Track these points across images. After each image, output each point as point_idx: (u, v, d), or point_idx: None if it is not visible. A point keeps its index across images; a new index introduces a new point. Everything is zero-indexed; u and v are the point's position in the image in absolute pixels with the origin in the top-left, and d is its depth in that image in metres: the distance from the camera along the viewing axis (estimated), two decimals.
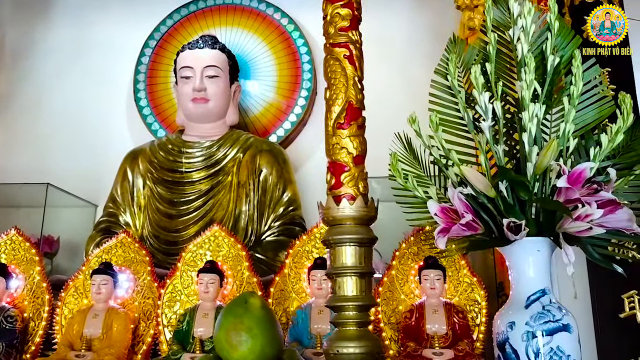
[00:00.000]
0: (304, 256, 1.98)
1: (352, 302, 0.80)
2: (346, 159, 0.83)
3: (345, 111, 0.84)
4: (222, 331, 1.20)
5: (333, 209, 0.82)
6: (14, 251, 2.05)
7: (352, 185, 0.83)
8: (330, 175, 0.85)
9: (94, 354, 1.78)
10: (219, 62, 3.02)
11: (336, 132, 0.84)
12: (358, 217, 0.82)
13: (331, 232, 0.83)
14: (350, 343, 0.78)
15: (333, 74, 0.86)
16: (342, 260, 0.82)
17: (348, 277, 0.82)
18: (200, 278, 1.89)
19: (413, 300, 1.91)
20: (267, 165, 2.95)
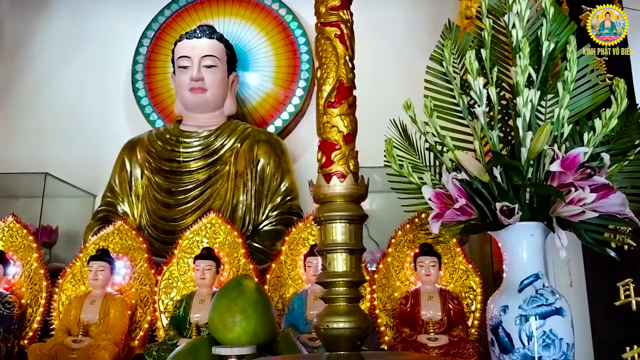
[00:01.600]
0: (300, 243, 1.99)
1: (342, 278, 0.81)
2: (337, 138, 0.84)
3: (336, 90, 0.84)
4: (216, 313, 1.21)
5: (323, 187, 0.83)
6: (11, 238, 2.06)
7: (342, 163, 0.83)
8: (321, 154, 0.85)
9: (91, 339, 1.79)
10: (217, 51, 3.02)
11: (327, 110, 0.84)
12: (348, 195, 0.83)
13: (321, 209, 0.83)
14: (340, 318, 0.78)
15: (324, 53, 0.86)
16: (332, 237, 0.83)
17: (338, 253, 0.82)
18: (196, 265, 1.90)
19: (408, 287, 1.92)
20: (265, 155, 2.96)
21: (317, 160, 0.89)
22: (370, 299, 1.89)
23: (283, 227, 2.80)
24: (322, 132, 0.87)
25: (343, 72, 0.87)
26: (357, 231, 0.85)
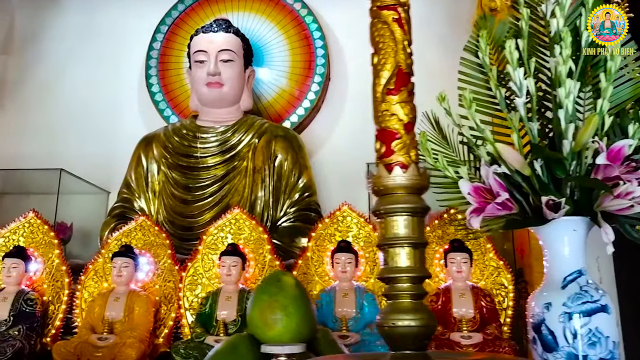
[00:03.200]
0: (327, 239, 1.95)
1: (405, 273, 0.77)
2: (397, 126, 0.80)
3: (395, 76, 0.80)
4: (256, 310, 1.18)
5: (384, 178, 0.79)
6: (32, 234, 2.03)
7: (403, 153, 0.79)
8: (379, 144, 0.81)
9: (116, 336, 1.76)
10: (234, 46, 2.98)
11: (385, 98, 0.81)
12: (410, 186, 0.79)
13: (382, 201, 0.80)
14: (406, 315, 0.75)
15: (381, 38, 0.82)
16: (394, 230, 0.79)
17: (401, 247, 0.78)
18: (222, 261, 1.87)
19: (438, 284, 1.89)
20: (282, 151, 2.92)
21: (376, 150, 0.85)
22: None
23: (301, 224, 2.77)
24: (380, 121, 0.83)
25: (402, 58, 0.84)
26: (420, 224, 0.81)
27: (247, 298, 1.83)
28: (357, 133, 3.38)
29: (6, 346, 1.74)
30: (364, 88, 3.51)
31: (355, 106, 3.43)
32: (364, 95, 3.51)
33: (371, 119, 2.87)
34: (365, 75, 3.16)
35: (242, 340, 1.17)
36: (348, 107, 3.46)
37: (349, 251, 1.84)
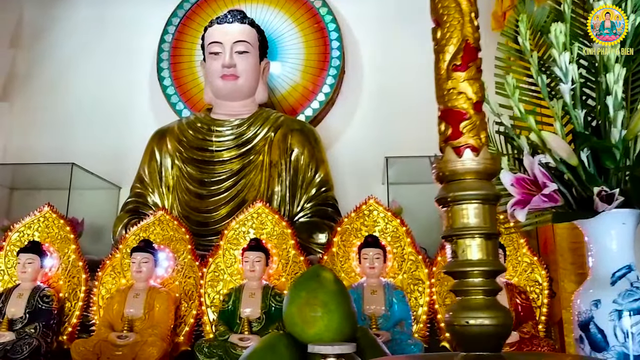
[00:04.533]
0: (353, 234, 1.88)
1: (477, 267, 0.70)
2: (465, 106, 0.73)
3: (462, 51, 0.73)
4: (293, 307, 1.11)
5: (453, 162, 0.72)
6: (47, 229, 1.96)
7: (473, 134, 0.72)
8: (445, 125, 0.75)
9: (137, 334, 1.69)
10: (249, 37, 2.91)
11: (451, 75, 0.74)
12: (482, 171, 0.72)
13: (449, 188, 0.73)
14: (480, 313, 0.68)
15: (445, 10, 0.75)
16: (463, 220, 0.72)
17: (472, 239, 0.71)
18: (245, 256, 1.80)
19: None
20: (299, 145, 2.85)
21: (440, 132, 0.78)
22: (429, 293, 1.79)
23: (319, 219, 2.70)
24: (446, 100, 0.76)
25: (469, 31, 0.76)
26: (491, 213, 0.74)
27: (272, 295, 1.77)
28: (373, 127, 3.31)
29: (22, 344, 1.67)
30: (379, 81, 3.45)
31: (370, 100, 3.37)
32: (379, 89, 3.45)
33: (388, 113, 2.80)
34: (381, 68, 3.10)
35: (280, 338, 1.10)
36: (363, 101, 3.39)
37: (376, 246, 1.77)
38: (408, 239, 1.84)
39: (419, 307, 1.78)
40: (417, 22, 3.42)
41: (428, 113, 3.45)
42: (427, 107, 3.47)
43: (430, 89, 2.76)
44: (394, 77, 3.37)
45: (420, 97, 3.32)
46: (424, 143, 3.05)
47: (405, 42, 3.40)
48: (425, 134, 3.16)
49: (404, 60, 3.38)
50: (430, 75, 2.80)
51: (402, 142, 3.15)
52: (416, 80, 3.36)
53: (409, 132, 3.21)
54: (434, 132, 2.67)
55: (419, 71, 3.32)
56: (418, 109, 3.35)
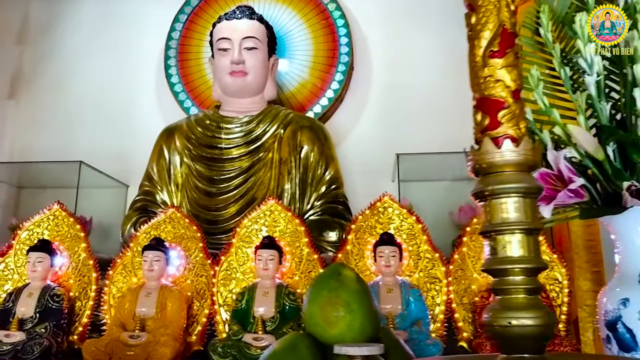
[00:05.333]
0: (367, 232, 1.85)
1: (519, 264, 0.67)
2: (503, 94, 0.69)
3: (499, 37, 0.69)
4: (315, 306, 1.07)
5: (492, 153, 0.68)
6: (57, 227, 1.93)
7: (512, 124, 0.69)
8: (481, 115, 0.71)
9: (149, 334, 1.66)
10: (258, 33, 2.87)
11: (488, 62, 0.70)
12: (523, 163, 0.68)
13: (487, 181, 0.69)
14: (523, 313, 0.64)
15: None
16: (503, 214, 0.68)
17: (512, 234, 0.68)
18: (258, 254, 1.77)
19: (487, 279, 1.77)
20: (308, 142, 2.82)
21: (476, 122, 0.74)
22: (447, 292, 1.75)
23: (329, 217, 2.67)
24: (482, 88, 0.72)
25: (506, 16, 0.73)
26: (532, 207, 0.70)
27: (286, 293, 1.73)
28: (382, 124, 3.28)
29: (33, 345, 1.64)
30: (388, 77, 3.40)
31: (379, 96, 3.33)
32: (388, 85, 3.40)
33: (397, 109, 2.74)
34: (390, 64, 3.05)
35: (301, 339, 1.07)
36: (372, 98, 3.36)
37: (392, 244, 1.74)
38: (424, 236, 1.81)
39: (436, 306, 1.75)
40: (427, 17, 3.42)
41: (438, 109, 3.43)
42: (437, 104, 3.44)
43: (439, 84, 2.73)
44: (403, 73, 3.33)
45: (430, 93, 3.32)
46: (434, 140, 3.05)
47: (414, 38, 3.37)
48: (436, 131, 3.16)
49: (413, 56, 3.35)
50: (439, 71, 2.79)
51: (412, 139, 3.11)
52: (425, 76, 3.33)
53: (419, 129, 3.18)
54: (445, 129, 2.67)
55: (429, 67, 3.32)
56: (428, 105, 3.33)
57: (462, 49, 2.63)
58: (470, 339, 1.72)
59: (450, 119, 3.18)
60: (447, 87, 3.23)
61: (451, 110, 3.20)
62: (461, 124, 3.19)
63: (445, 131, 3.12)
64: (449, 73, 3.26)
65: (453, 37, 3.34)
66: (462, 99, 3.33)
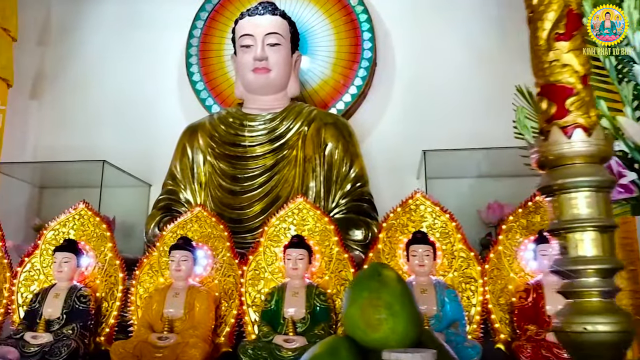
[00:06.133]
0: (399, 230, 1.79)
1: (593, 264, 0.61)
2: (572, 80, 0.64)
3: (565, 18, 0.63)
4: (355, 308, 1.02)
5: (559, 144, 0.63)
6: (82, 227, 1.91)
7: (582, 112, 0.63)
8: (547, 103, 0.65)
9: (178, 336, 1.63)
10: (281, 29, 2.83)
11: (553, 45, 0.64)
12: (595, 154, 0.63)
13: (555, 174, 0.63)
14: (598, 318, 0.58)
15: None
16: (573, 210, 0.63)
17: (585, 232, 0.62)
18: (287, 254, 1.72)
19: (524, 279, 1.71)
20: (333, 139, 2.76)
21: (541, 110, 0.68)
22: (483, 292, 1.69)
23: (355, 215, 2.61)
24: (547, 74, 0.67)
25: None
26: (606, 202, 0.64)
27: (316, 294, 1.69)
28: (406, 120, 3.21)
29: (61, 346, 1.62)
30: (412, 73, 3.32)
31: (403, 92, 3.27)
32: (412, 81, 3.33)
33: (422, 106, 2.66)
34: (413, 58, 2.97)
35: (342, 342, 1.02)
36: (396, 94, 3.29)
37: (426, 242, 1.68)
38: (458, 234, 1.75)
39: (472, 307, 1.69)
40: (451, 11, 3.34)
41: (463, 105, 3.33)
42: (462, 99, 3.35)
43: (464, 80, 2.64)
44: (427, 68, 3.26)
45: (455, 89, 3.24)
46: (459, 136, 2.97)
47: (438, 33, 3.29)
48: (462, 127, 3.08)
49: (437, 51, 3.28)
50: (464, 66, 2.70)
51: (437, 135, 3.05)
52: (450, 71, 3.26)
53: (444, 125, 3.10)
54: (470, 125, 2.58)
55: (453, 62, 3.25)
56: (453, 101, 3.25)
57: (488, 44, 2.58)
58: (507, 340, 1.66)
59: (477, 114, 3.11)
60: (472, 82, 3.16)
61: (477, 105, 3.12)
62: (488, 119, 3.14)
63: (471, 127, 3.05)
64: (474, 68, 3.19)
65: (478, 31, 3.29)
66: (489, 94, 3.26)
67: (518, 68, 3.13)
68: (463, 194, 3.04)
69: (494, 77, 3.16)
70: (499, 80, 3.16)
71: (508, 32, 3.20)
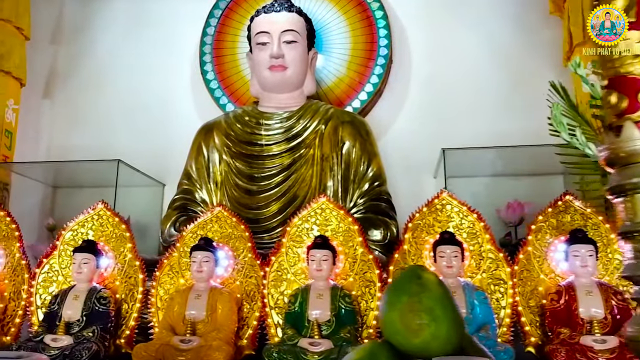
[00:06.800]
0: (425, 230, 1.75)
1: None
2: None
3: (637, 5, 0.58)
4: (394, 312, 0.98)
5: (634, 140, 0.58)
6: (101, 227, 1.88)
7: None
8: (617, 96, 0.61)
9: (201, 338, 1.59)
10: (297, 26, 2.79)
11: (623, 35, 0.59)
12: None
13: (627, 173, 0.59)
14: None
15: None
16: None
17: None
18: (311, 255, 1.68)
19: (554, 280, 1.66)
20: (350, 138, 2.72)
21: (610, 104, 0.64)
22: (512, 294, 1.64)
23: (373, 215, 2.57)
24: (617, 66, 0.62)
25: None
26: None
27: (341, 296, 1.65)
28: (423, 118, 3.16)
29: (82, 349, 1.59)
30: (428, 70, 3.26)
31: (419, 90, 3.22)
32: (428, 78, 3.27)
33: (438, 103, 2.60)
34: (429, 55, 2.91)
35: (380, 348, 0.98)
36: (412, 91, 3.24)
37: (453, 243, 1.64)
38: (487, 235, 1.70)
39: (501, 310, 1.64)
40: (466, 6, 3.29)
41: (480, 103, 3.27)
42: (479, 97, 3.28)
43: (481, 77, 2.57)
44: (443, 65, 3.22)
45: (471, 87, 3.19)
46: (477, 134, 2.92)
47: (454, 29, 3.25)
48: (479, 125, 3.03)
49: (453, 47, 3.23)
50: (481, 62, 2.63)
51: (454, 133, 3.00)
52: (466, 68, 3.21)
53: (461, 123, 3.06)
54: (488, 123, 2.51)
55: (469, 59, 3.19)
56: (470, 98, 3.20)
57: (505, 40, 2.51)
58: (538, 343, 1.61)
59: (493, 112, 3.06)
60: (490, 79, 3.11)
61: (494, 103, 3.08)
62: (504, 117, 3.08)
63: (488, 125, 3.00)
64: (491, 65, 3.14)
65: (495, 28, 3.23)
66: (505, 92, 3.18)
67: (534, 65, 3.14)
68: (481, 192, 2.99)
69: (510, 74, 3.12)
70: (515, 78, 3.12)
71: (525, 29, 3.16)
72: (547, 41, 3.12)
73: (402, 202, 2.79)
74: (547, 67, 3.10)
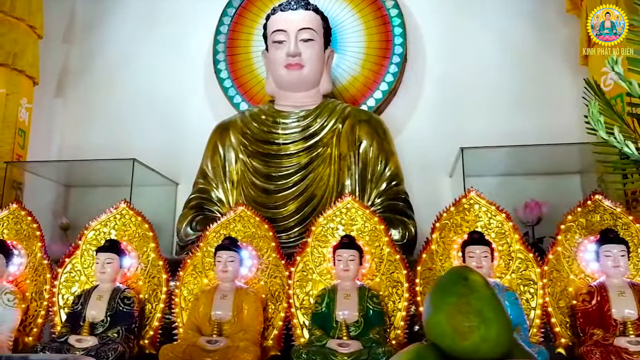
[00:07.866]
0: (452, 230, 1.73)
1: None
2: None
3: None
4: (441, 314, 0.96)
5: None
6: (124, 226, 1.86)
7: None
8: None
9: (227, 339, 1.57)
10: (314, 24, 2.76)
11: None
12: None
13: None
14: None
15: None
16: None
17: None
18: (338, 255, 1.66)
19: (584, 281, 1.64)
20: (367, 137, 2.71)
21: None
22: (542, 295, 1.62)
23: (391, 215, 2.55)
24: None
25: None
26: None
27: (369, 296, 1.63)
28: (438, 117, 3.14)
29: (107, 350, 1.57)
30: (443, 68, 3.24)
31: (434, 88, 3.20)
32: (443, 76, 3.25)
33: (454, 102, 2.58)
34: (444, 53, 2.88)
35: (427, 351, 0.96)
36: (426, 90, 3.22)
37: (483, 243, 1.62)
38: (516, 235, 1.68)
39: (531, 310, 1.62)
40: (481, 4, 3.26)
41: (495, 102, 3.24)
42: (494, 96, 3.26)
43: (496, 75, 2.55)
44: (457, 63, 3.20)
45: (486, 85, 3.16)
46: (493, 133, 2.90)
47: (469, 27, 3.22)
48: (495, 124, 3.01)
49: (468, 45, 3.20)
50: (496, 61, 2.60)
51: (470, 132, 2.98)
52: (481, 66, 3.18)
53: (477, 122, 3.04)
54: (504, 122, 2.48)
55: (485, 57, 3.17)
56: (484, 96, 3.18)
57: (520, 38, 2.48)
58: (568, 345, 1.59)
59: (509, 110, 3.04)
60: (504, 77, 3.09)
61: (509, 102, 3.05)
62: (520, 116, 3.06)
63: (503, 123, 2.98)
64: (506, 63, 3.11)
65: (510, 26, 3.21)
66: (520, 90, 3.16)
67: (550, 63, 3.12)
68: (497, 192, 2.97)
69: (525, 72, 3.10)
70: (530, 76, 3.09)
71: (540, 27, 3.13)
72: (563, 40, 3.10)
73: (418, 201, 2.77)
74: (563, 66, 3.08)
